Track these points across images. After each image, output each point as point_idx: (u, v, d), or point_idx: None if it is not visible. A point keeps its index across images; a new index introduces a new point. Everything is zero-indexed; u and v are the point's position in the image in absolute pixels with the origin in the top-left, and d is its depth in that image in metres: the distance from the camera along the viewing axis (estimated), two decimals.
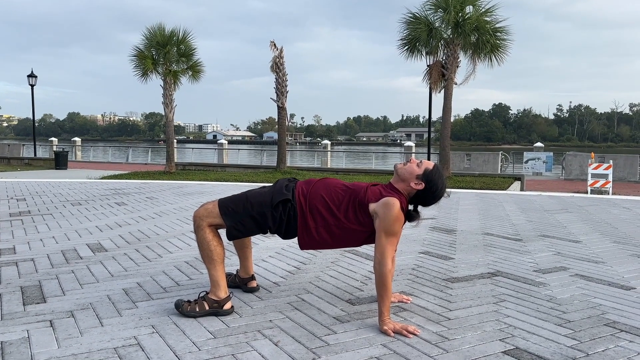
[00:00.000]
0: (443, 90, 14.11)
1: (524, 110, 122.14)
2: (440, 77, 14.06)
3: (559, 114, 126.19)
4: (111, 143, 55.64)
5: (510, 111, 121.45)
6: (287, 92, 16.18)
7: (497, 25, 13.74)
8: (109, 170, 16.48)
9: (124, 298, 2.84)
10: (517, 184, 13.62)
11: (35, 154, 24.06)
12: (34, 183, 9.71)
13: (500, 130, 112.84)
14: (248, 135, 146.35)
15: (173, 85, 15.89)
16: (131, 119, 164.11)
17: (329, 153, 22.38)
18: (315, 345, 2.22)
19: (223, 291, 2.58)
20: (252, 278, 3.00)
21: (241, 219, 2.57)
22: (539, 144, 22.32)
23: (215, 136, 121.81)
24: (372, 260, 3.29)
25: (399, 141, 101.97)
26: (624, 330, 2.43)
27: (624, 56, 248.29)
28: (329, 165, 20.74)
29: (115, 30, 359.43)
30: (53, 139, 29.04)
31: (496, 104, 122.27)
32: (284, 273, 3.40)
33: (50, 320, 2.48)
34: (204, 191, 8.51)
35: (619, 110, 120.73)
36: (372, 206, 2.49)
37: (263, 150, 25.92)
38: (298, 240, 2.60)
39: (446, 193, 2.64)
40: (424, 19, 13.97)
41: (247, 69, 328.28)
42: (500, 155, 19.46)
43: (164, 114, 16.21)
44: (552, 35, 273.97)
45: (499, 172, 17.81)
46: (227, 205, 2.60)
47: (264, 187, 2.72)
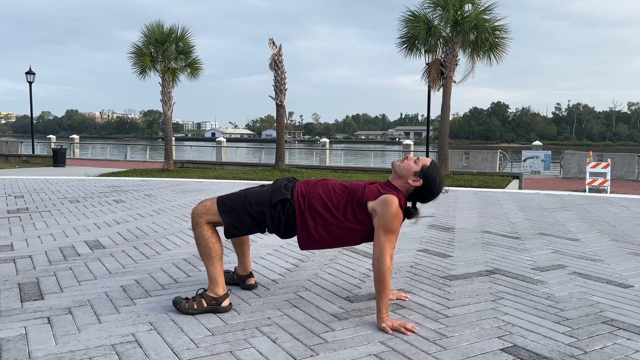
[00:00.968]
0: (442, 89, 14.11)
1: (523, 108, 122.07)
2: (439, 76, 14.07)
3: (557, 112, 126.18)
4: (109, 140, 55.56)
5: (508, 110, 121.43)
6: (286, 90, 16.15)
7: (496, 24, 13.73)
8: (107, 168, 16.47)
9: (121, 295, 2.84)
10: (516, 183, 13.63)
11: (33, 152, 23.97)
12: (32, 180, 9.69)
13: (499, 128, 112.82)
14: (246, 133, 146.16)
15: (171, 82, 15.85)
16: (129, 116, 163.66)
17: (328, 151, 22.37)
18: (314, 343, 2.22)
19: (221, 288, 2.58)
20: (250, 275, 3.00)
21: (239, 217, 2.56)
22: (537, 143, 22.36)
23: (213, 134, 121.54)
24: (371, 258, 3.29)
25: (397, 139, 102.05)
26: (621, 328, 2.44)
27: (622, 55, 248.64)
28: (327, 164, 20.72)
29: (113, 28, 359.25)
30: (51, 136, 29.04)
31: (495, 102, 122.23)
32: (282, 270, 3.40)
33: (47, 317, 2.48)
34: (202, 189, 8.50)
35: (617, 109, 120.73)
36: (371, 204, 2.49)
37: (261, 148, 25.84)
38: (298, 240, 2.60)
39: (444, 189, 2.64)
40: (423, 17, 13.96)
41: (246, 66, 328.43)
42: (499, 153, 19.45)
43: (162, 111, 16.17)
44: (551, 34, 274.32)
45: (498, 171, 17.80)
46: (226, 203, 2.59)
47: (263, 186, 2.71)
